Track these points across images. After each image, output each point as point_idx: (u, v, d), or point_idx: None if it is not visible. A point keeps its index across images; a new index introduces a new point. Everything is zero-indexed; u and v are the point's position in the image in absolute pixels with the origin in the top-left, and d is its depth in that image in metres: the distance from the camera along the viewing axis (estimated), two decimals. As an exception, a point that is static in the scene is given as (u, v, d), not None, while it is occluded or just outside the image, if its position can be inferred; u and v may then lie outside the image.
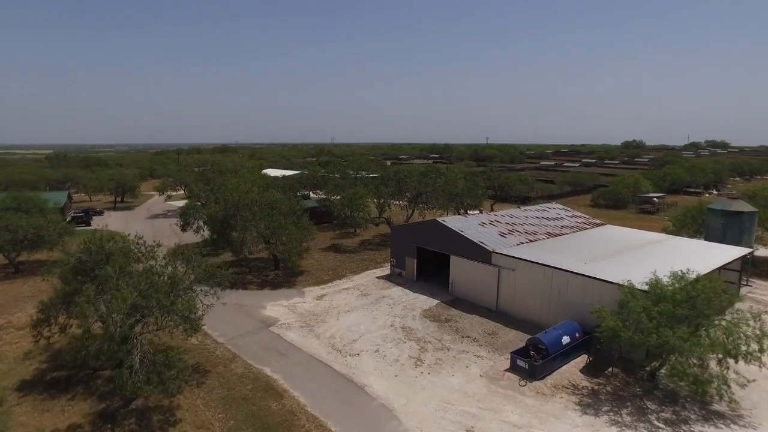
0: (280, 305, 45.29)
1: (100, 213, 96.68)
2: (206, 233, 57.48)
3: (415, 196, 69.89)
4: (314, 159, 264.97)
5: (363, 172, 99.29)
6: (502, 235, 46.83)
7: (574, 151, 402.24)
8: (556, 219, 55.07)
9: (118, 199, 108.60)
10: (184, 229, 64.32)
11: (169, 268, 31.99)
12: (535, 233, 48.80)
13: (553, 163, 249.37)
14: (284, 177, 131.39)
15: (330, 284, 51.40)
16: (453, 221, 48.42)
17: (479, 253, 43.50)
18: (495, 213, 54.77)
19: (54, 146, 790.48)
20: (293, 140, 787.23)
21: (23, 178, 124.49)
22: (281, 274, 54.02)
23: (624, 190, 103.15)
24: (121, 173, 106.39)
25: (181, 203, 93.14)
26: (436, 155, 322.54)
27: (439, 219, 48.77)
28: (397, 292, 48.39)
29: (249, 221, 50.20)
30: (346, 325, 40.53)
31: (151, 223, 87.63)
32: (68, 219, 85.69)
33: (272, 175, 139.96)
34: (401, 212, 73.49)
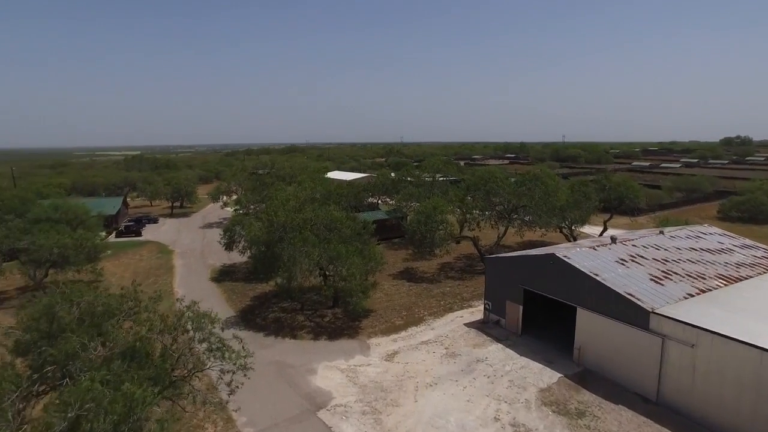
0: (336, 368, 33.17)
1: (155, 221, 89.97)
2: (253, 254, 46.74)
3: (509, 210, 55.68)
4: (383, 159, 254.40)
5: (439, 176, 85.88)
6: (656, 280, 31.96)
7: (665, 150, 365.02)
8: (723, 251, 39.11)
9: (177, 204, 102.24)
10: (228, 247, 54.26)
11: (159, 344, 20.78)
12: (702, 276, 33.45)
13: (647, 163, 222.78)
14: (350, 182, 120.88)
15: (404, 333, 38.69)
16: (579, 256, 34.08)
17: (627, 312, 29.09)
18: (625, 239, 39.66)
19: (144, 147, 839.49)
20: (362, 140, 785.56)
21: (95, 182, 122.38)
22: (341, 314, 42.00)
23: (765, 198, 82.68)
24: (177, 177, 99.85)
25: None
26: (512, 155, 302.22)
27: (559, 252, 34.57)
28: (496, 352, 34.83)
29: (299, 249, 38.53)
30: (428, 413, 27.60)
31: (203, 234, 79.14)
32: (118, 229, 78.94)
33: (337, 178, 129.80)
34: (487, 227, 59.58)
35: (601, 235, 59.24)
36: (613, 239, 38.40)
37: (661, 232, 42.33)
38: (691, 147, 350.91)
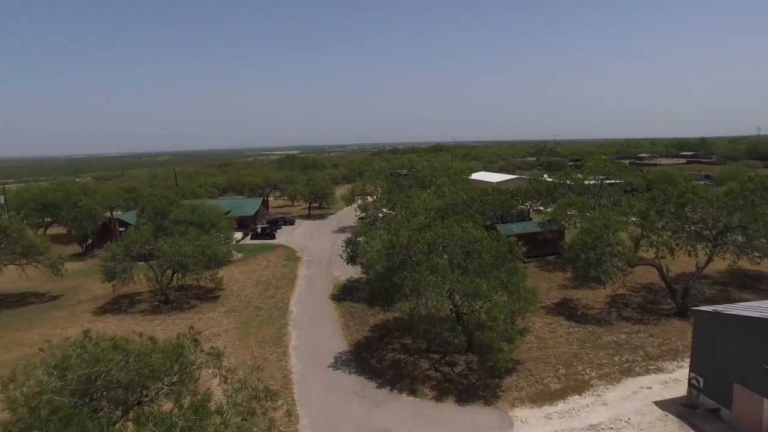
0: (463, 460, 23.71)
1: (291, 222, 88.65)
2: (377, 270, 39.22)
3: (717, 231, 40.51)
4: (533, 159, 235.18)
5: (603, 179, 70.71)
6: None
7: None
8: None
9: (315, 205, 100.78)
10: (351, 261, 47.80)
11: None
12: None
13: None
14: (496, 185, 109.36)
15: (562, 406, 27.71)
16: None
17: None
18: None
19: (302, 147, 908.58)
20: (511, 138, 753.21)
21: (248, 181, 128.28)
22: (476, 364, 32.26)
23: None
24: (315, 178, 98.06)
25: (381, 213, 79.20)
26: (689, 153, 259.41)
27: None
28: (718, 467, 22.30)
29: (425, 280, 29.75)
30: None
31: (334, 240, 74.65)
32: (255, 231, 78.21)
33: (483, 180, 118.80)
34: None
35: None
36: None
37: None
38: None
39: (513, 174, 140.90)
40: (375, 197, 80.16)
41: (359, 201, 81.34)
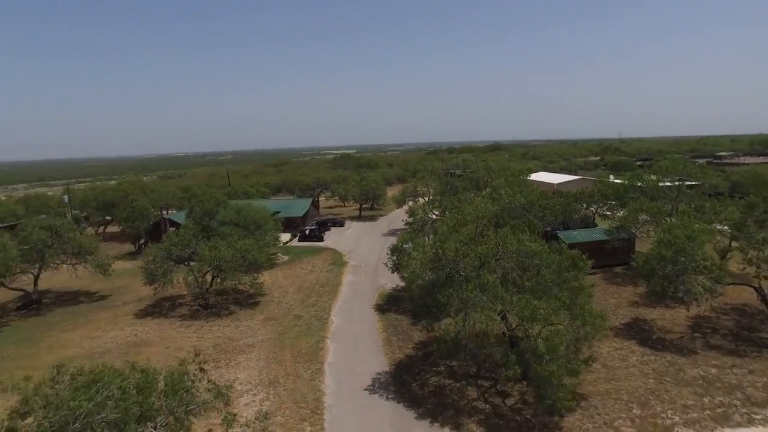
0: None
1: (341, 224, 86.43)
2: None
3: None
4: (597, 158, 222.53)
5: (681, 181, 63.42)
6: None
7: None
8: None
9: (367, 206, 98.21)
10: (395, 270, 44.48)
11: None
12: None
13: None
14: (557, 188, 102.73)
15: (639, 460, 23.01)
16: None
17: None
18: None
19: (359, 146, 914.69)
20: (572, 136, 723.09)
21: (301, 181, 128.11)
22: (532, 397, 27.92)
23: None
24: (367, 178, 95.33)
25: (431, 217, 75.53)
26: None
27: None
28: None
29: (474, 299, 25.90)
30: None
31: (383, 243, 71.22)
32: (301, 233, 76.48)
33: (542, 182, 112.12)
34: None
35: None
36: None
37: None
38: None
39: (575, 175, 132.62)
40: (427, 199, 76.31)
41: (410, 203, 77.82)
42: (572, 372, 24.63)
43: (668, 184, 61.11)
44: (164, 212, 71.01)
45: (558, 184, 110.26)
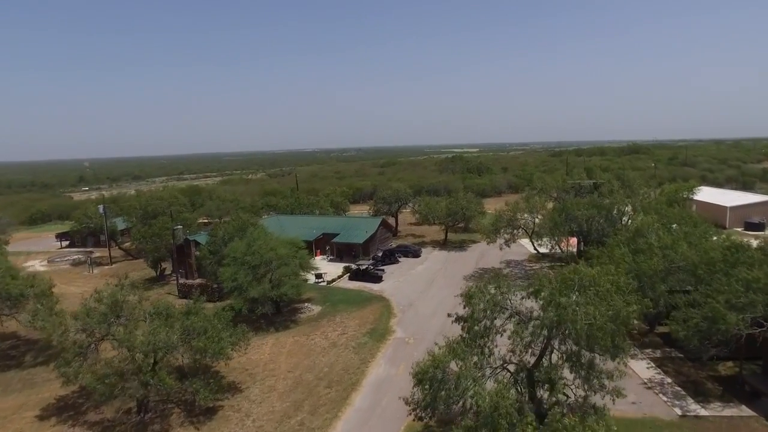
0: None
1: (415, 254, 65.63)
2: None
3: None
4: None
5: None
6: None
7: None
8: None
9: (461, 225, 75.77)
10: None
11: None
12: None
13: None
14: (733, 212, 73.27)
15: None
16: None
17: None
18: None
19: (482, 145, 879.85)
20: (728, 135, 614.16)
21: (389, 186, 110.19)
22: None
23: None
24: (456, 197, 72.64)
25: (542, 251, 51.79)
26: None
27: None
28: None
29: None
30: None
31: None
32: (357, 268, 57.23)
33: (711, 203, 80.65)
34: None
35: None
36: None
37: None
38: None
39: (757, 192, 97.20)
40: (533, 227, 52.55)
41: (504, 237, 54.57)
42: None
43: None
44: (176, 230, 56.29)
45: (732, 207, 78.34)
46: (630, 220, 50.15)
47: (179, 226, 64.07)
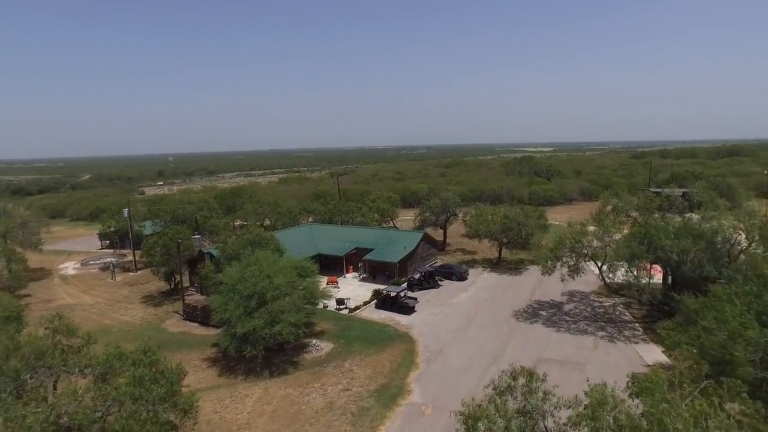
0: None
1: (460, 276, 55.75)
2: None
3: None
4: None
5: None
6: None
7: None
8: None
9: (520, 239, 64.70)
10: None
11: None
12: None
13: None
14: None
15: None
16: None
17: None
18: None
19: (557, 144, 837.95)
20: None
21: (446, 189, 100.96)
22: None
23: None
24: (513, 211, 61.06)
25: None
26: None
27: None
28: None
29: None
30: None
31: (509, 335, 39.37)
32: (385, 295, 48.59)
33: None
34: None
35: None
36: None
37: None
38: None
39: None
40: (605, 256, 41.06)
41: (569, 263, 43.45)
42: None
43: None
44: (191, 240, 50.36)
45: None
46: (742, 253, 37.77)
47: (197, 236, 58.57)
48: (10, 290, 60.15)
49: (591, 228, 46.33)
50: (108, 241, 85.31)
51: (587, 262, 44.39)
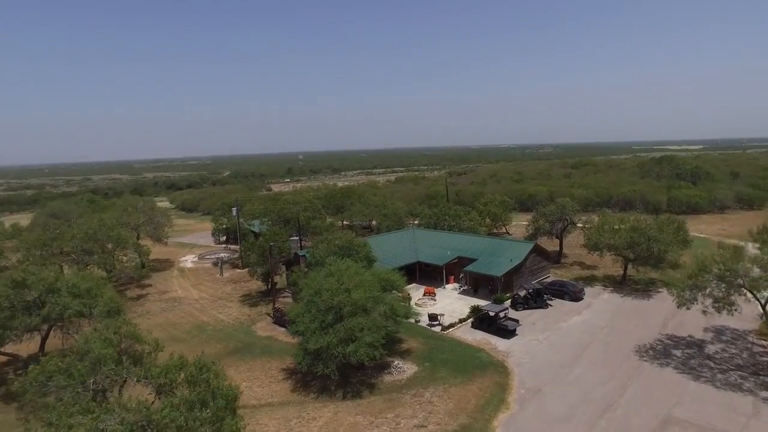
0: None
1: (574, 296, 48.52)
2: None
3: None
4: None
5: None
6: None
7: None
8: None
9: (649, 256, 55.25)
10: None
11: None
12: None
13: None
14: None
15: None
16: None
17: None
18: None
19: (709, 141, 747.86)
20: None
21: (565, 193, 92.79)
22: None
23: None
24: (645, 223, 51.28)
25: None
26: None
27: None
28: None
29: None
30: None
31: (624, 383, 32.37)
32: (482, 315, 43.59)
33: None
34: None
35: None
36: None
37: None
38: None
39: None
40: None
41: (716, 294, 34.62)
42: None
43: None
44: (274, 245, 49.58)
45: None
46: None
47: (294, 237, 58.30)
48: (137, 280, 65.58)
49: (751, 248, 36.91)
50: (224, 237, 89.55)
51: (743, 296, 35.08)
